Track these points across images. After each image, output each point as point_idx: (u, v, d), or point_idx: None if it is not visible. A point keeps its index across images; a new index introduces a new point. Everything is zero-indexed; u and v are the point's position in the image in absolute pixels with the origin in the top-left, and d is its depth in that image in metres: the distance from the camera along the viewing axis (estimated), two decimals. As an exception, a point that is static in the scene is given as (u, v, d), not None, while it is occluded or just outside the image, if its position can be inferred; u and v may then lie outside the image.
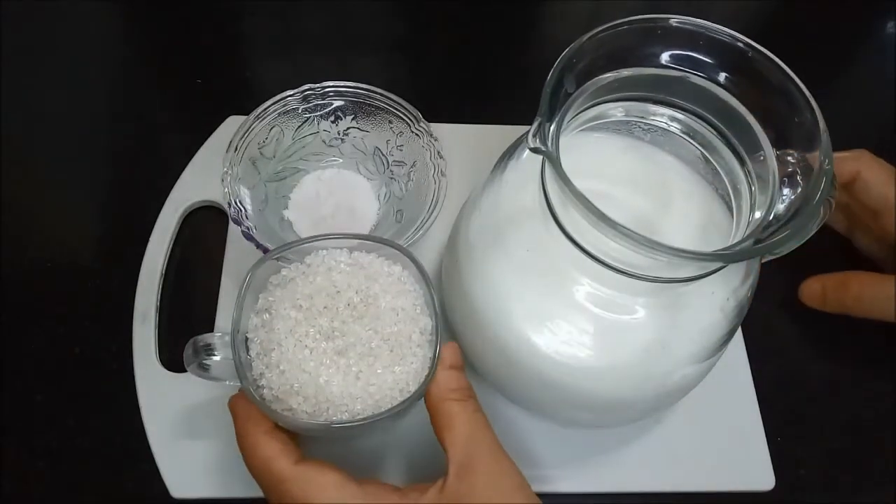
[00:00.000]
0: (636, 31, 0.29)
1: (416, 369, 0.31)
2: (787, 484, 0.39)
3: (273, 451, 0.29)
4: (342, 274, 0.32)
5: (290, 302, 0.31)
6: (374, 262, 0.33)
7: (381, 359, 0.31)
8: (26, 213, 0.46)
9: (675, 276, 0.28)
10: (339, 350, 0.30)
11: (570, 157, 0.27)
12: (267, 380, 0.30)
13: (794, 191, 0.28)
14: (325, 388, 0.30)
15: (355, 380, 0.30)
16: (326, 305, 0.31)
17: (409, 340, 0.31)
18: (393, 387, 0.30)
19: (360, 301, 0.32)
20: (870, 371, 0.45)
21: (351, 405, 0.30)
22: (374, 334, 0.31)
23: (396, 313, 0.32)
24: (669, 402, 0.37)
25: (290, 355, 0.30)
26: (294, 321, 0.31)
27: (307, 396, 0.30)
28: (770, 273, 0.33)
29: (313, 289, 0.32)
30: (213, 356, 0.31)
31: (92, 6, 0.56)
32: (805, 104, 0.28)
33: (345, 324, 0.31)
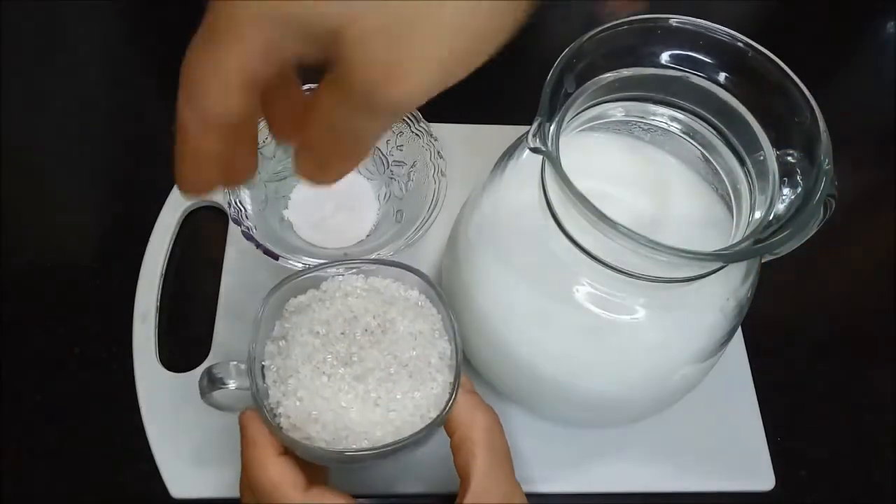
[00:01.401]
0: (636, 31, 0.29)
1: (437, 394, 0.30)
2: (787, 484, 0.39)
3: (283, 477, 0.28)
4: (359, 299, 0.32)
5: (307, 328, 0.31)
6: (390, 286, 0.33)
7: (401, 384, 0.30)
8: (26, 213, 0.46)
9: (675, 276, 0.28)
10: (358, 376, 0.30)
11: (570, 157, 0.27)
12: (284, 408, 0.30)
13: (794, 191, 0.28)
14: (343, 414, 0.29)
15: (374, 406, 0.29)
16: (344, 331, 0.31)
17: (428, 365, 0.31)
18: (414, 413, 0.30)
19: (378, 326, 0.31)
20: (870, 371, 0.45)
21: (371, 432, 0.29)
22: (392, 359, 0.30)
23: (414, 337, 0.31)
24: (669, 402, 0.37)
25: (308, 382, 0.30)
26: (312, 347, 0.30)
27: (325, 424, 0.29)
28: (770, 273, 0.33)
29: (330, 314, 0.31)
30: (228, 385, 0.31)
31: (92, 6, 0.56)
32: (805, 104, 0.28)
33: (362, 349, 0.31)
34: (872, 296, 0.48)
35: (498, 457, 0.29)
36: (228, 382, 0.31)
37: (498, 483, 0.29)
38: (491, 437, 0.29)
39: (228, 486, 0.37)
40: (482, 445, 0.29)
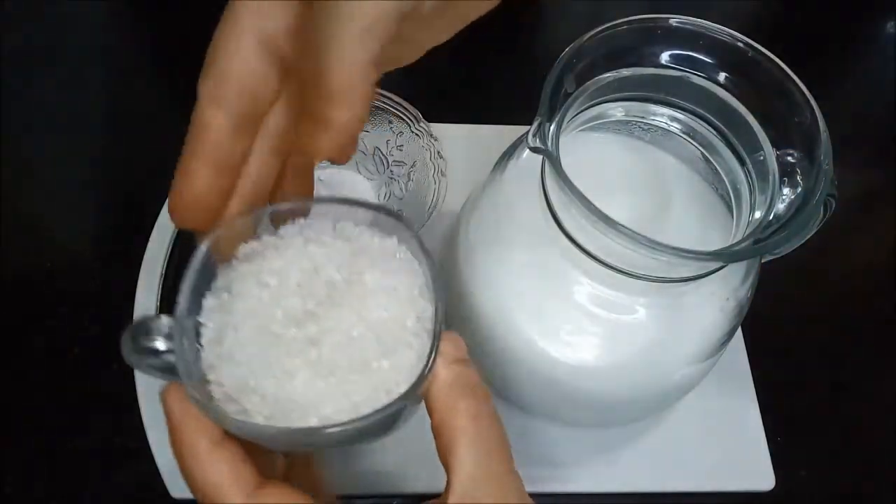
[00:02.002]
0: (636, 31, 0.29)
1: (410, 364, 0.24)
2: (787, 484, 0.39)
3: (221, 476, 0.22)
4: (322, 247, 0.26)
5: (255, 278, 0.25)
6: (363, 233, 0.27)
7: (365, 350, 0.24)
8: (26, 213, 0.46)
9: (675, 276, 0.28)
10: (312, 338, 0.24)
11: (570, 157, 0.27)
12: (217, 374, 0.24)
13: (794, 191, 0.28)
14: (287, 384, 0.23)
15: (328, 375, 0.23)
16: (300, 283, 0.25)
17: (402, 329, 0.25)
18: (378, 387, 0.24)
19: (343, 279, 0.25)
20: (870, 371, 0.45)
21: (320, 407, 0.23)
22: (357, 319, 0.24)
23: (387, 294, 0.25)
24: (669, 402, 0.37)
25: (248, 343, 0.24)
26: (257, 301, 0.24)
27: (265, 395, 0.23)
28: (770, 273, 0.33)
29: (284, 263, 0.25)
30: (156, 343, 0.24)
31: (92, 6, 0.56)
32: (805, 104, 0.28)
33: (321, 306, 0.24)
34: (872, 296, 0.48)
35: (486, 448, 0.24)
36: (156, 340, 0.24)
37: (488, 481, 0.24)
38: (477, 426, 0.24)
39: (228, 486, 0.37)
40: (467, 435, 0.24)
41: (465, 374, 0.24)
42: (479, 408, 0.24)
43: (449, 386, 0.24)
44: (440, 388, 0.24)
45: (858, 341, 0.45)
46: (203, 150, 0.23)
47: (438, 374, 0.24)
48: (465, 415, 0.24)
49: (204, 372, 0.24)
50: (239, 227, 0.25)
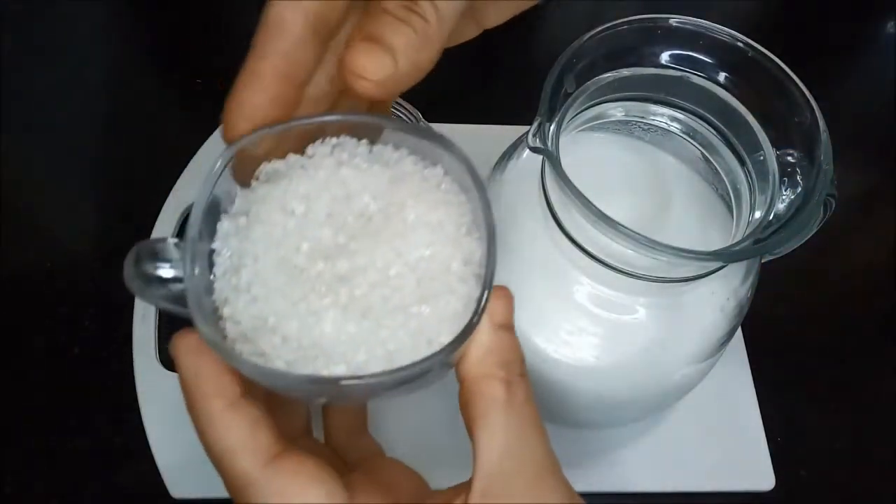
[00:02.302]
0: (636, 31, 0.29)
1: (454, 313, 0.21)
2: (787, 484, 0.39)
3: (236, 441, 0.20)
4: (357, 171, 0.22)
5: (278, 203, 0.22)
6: (403, 159, 0.23)
7: (403, 293, 0.21)
8: (26, 213, 0.46)
9: (675, 276, 0.28)
10: (342, 276, 0.21)
11: (570, 157, 0.27)
12: (232, 309, 0.21)
13: (794, 191, 0.28)
14: (314, 326, 0.20)
15: (360, 318, 0.20)
16: (331, 213, 0.22)
17: (446, 271, 0.21)
18: (416, 334, 0.20)
19: (379, 211, 0.22)
20: (870, 371, 0.45)
21: (351, 354, 0.20)
22: (395, 257, 0.21)
23: (431, 231, 0.22)
24: (669, 402, 0.37)
25: (269, 275, 0.21)
26: (281, 230, 0.21)
27: (287, 336, 0.20)
28: (770, 273, 0.33)
29: (312, 188, 0.22)
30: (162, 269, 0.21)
31: (92, 6, 0.56)
32: (805, 104, 0.28)
33: (354, 239, 0.21)
34: (872, 296, 0.48)
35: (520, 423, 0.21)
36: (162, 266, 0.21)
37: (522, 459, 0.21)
38: (513, 398, 0.21)
39: (228, 486, 0.37)
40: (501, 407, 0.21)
41: (507, 343, 0.22)
42: (518, 381, 0.22)
43: (488, 352, 0.21)
44: (478, 352, 0.21)
45: (858, 341, 0.45)
46: (275, 51, 0.20)
47: (479, 337, 0.21)
48: (501, 385, 0.21)
49: (217, 306, 0.21)
50: (266, 141, 0.22)
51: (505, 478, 0.21)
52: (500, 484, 0.21)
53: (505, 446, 0.21)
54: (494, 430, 0.21)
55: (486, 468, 0.21)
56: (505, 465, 0.21)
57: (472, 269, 0.22)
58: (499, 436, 0.21)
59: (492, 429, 0.21)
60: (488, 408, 0.21)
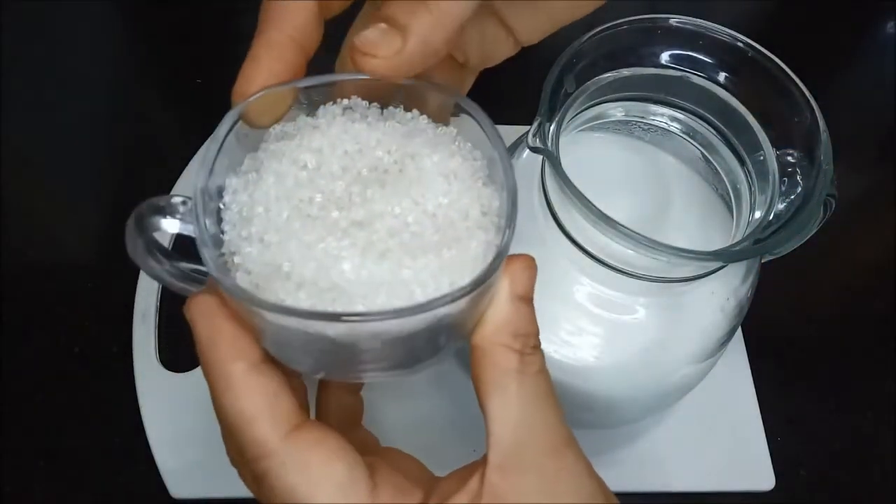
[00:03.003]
0: (636, 31, 0.29)
1: (475, 257, 0.20)
2: (787, 484, 0.39)
3: (255, 406, 0.19)
4: (369, 126, 0.22)
5: (290, 158, 0.21)
6: (415, 119, 0.23)
7: (423, 239, 0.20)
8: (26, 213, 0.46)
9: (675, 276, 0.28)
10: (359, 221, 0.20)
11: (570, 156, 0.27)
12: (244, 257, 0.20)
13: (794, 191, 0.28)
14: (332, 268, 0.19)
15: (380, 258, 0.19)
16: (343, 166, 0.21)
17: (465, 218, 0.21)
18: (437, 274, 0.19)
19: (394, 163, 0.21)
20: (870, 371, 0.45)
21: (372, 296, 0.19)
22: (413, 205, 0.20)
23: (446, 180, 0.21)
24: (669, 402, 0.37)
25: (280, 222, 0.20)
26: (293, 181, 0.21)
27: (303, 280, 0.19)
28: (770, 273, 0.33)
29: (325, 142, 0.21)
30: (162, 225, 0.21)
31: (92, 6, 0.56)
32: (805, 104, 0.28)
33: (369, 188, 0.21)
34: (872, 296, 0.48)
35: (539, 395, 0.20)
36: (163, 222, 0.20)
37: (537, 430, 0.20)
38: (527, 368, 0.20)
39: (228, 486, 0.37)
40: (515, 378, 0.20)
41: (525, 315, 0.21)
42: (535, 354, 0.21)
43: (505, 321, 0.20)
44: (494, 321, 0.20)
45: (858, 341, 0.45)
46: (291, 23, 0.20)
47: (496, 305, 0.20)
48: (514, 355, 0.20)
49: (226, 259, 0.20)
50: (274, 99, 0.21)
51: (521, 449, 0.20)
52: (518, 456, 0.20)
53: (519, 417, 0.20)
54: (507, 401, 0.20)
55: (501, 441, 0.20)
56: (520, 436, 0.20)
57: (490, 218, 0.21)
58: (512, 406, 0.20)
59: (504, 399, 0.20)
60: (501, 377, 0.20)
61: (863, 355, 0.45)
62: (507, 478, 0.20)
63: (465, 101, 0.22)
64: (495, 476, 0.20)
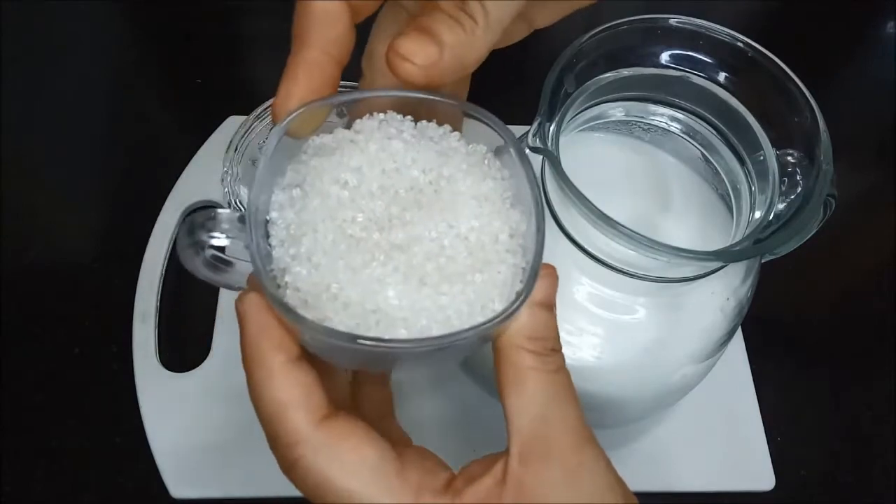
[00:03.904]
0: (636, 31, 0.29)
1: (504, 281, 0.22)
2: (787, 484, 0.39)
3: (291, 395, 0.21)
4: (405, 145, 0.23)
5: (332, 176, 0.22)
6: (447, 136, 0.24)
7: (457, 261, 0.22)
8: (26, 213, 0.46)
9: (676, 276, 0.28)
10: (398, 244, 0.22)
11: (570, 156, 0.27)
12: (293, 276, 0.21)
13: (794, 190, 0.28)
14: (377, 292, 0.21)
15: (419, 284, 0.21)
16: (382, 185, 0.22)
17: (494, 242, 0.22)
18: (473, 301, 0.21)
19: (429, 183, 0.23)
20: (870, 371, 0.45)
21: (413, 319, 0.21)
22: (447, 229, 0.22)
23: (478, 203, 0.23)
24: (669, 402, 0.37)
25: (329, 244, 0.21)
26: (336, 201, 0.22)
27: (349, 302, 0.21)
28: (770, 273, 0.33)
29: (364, 161, 0.23)
30: (215, 239, 0.22)
31: (92, 6, 0.56)
32: (805, 104, 0.28)
33: (406, 211, 0.22)
34: (872, 296, 0.48)
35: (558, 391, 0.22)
36: (216, 235, 0.22)
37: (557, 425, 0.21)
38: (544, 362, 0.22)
39: (228, 485, 0.37)
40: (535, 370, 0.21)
41: (543, 320, 0.22)
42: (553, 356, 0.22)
43: (523, 325, 0.22)
44: (513, 327, 0.22)
45: (858, 341, 0.45)
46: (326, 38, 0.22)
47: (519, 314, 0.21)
48: (532, 355, 0.21)
49: (275, 274, 0.22)
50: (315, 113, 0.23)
51: (541, 442, 0.21)
52: (538, 447, 0.21)
53: (538, 412, 0.21)
54: (525, 396, 0.21)
55: (521, 432, 0.21)
56: (539, 430, 0.21)
57: (517, 240, 0.23)
58: (530, 401, 0.21)
59: (523, 395, 0.21)
60: (519, 374, 0.21)
61: (862, 355, 0.45)
62: (530, 466, 0.21)
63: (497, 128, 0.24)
64: (516, 464, 0.21)
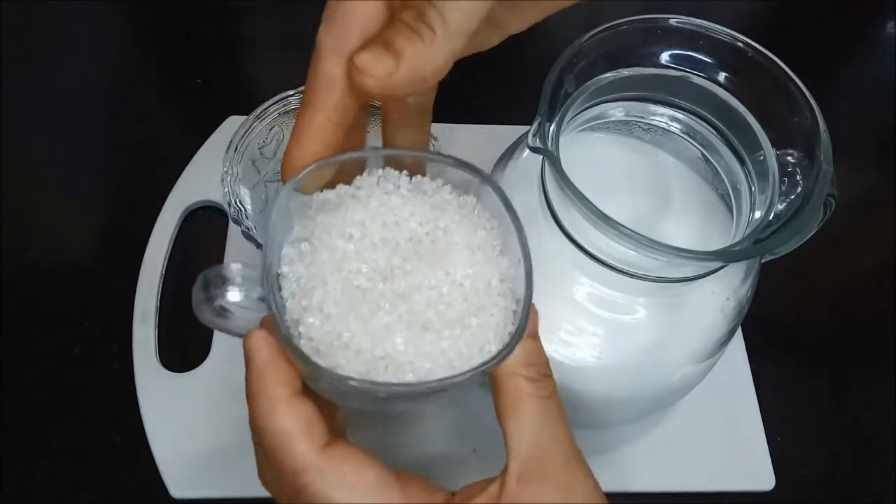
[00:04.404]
0: (636, 31, 0.29)
1: (497, 323, 0.24)
2: (787, 484, 0.39)
3: (296, 426, 0.22)
4: (403, 199, 0.25)
5: (338, 230, 0.24)
6: (440, 189, 0.26)
7: (455, 308, 0.24)
8: (26, 213, 0.46)
9: (675, 276, 0.28)
10: (401, 293, 0.24)
11: (570, 156, 0.27)
12: (307, 327, 0.23)
13: (794, 191, 0.28)
14: (385, 339, 0.23)
15: (422, 331, 0.23)
16: (383, 237, 0.24)
17: (487, 287, 0.25)
18: (471, 343, 0.23)
19: (426, 234, 0.25)
20: (870, 371, 0.45)
21: (418, 363, 0.23)
22: (444, 277, 0.24)
23: (472, 252, 0.25)
24: (669, 401, 0.37)
25: (339, 296, 0.23)
26: (342, 254, 0.24)
27: (360, 350, 0.23)
28: (770, 273, 0.33)
29: (367, 215, 0.25)
30: (231, 295, 0.24)
31: (92, 6, 0.56)
32: (805, 104, 0.28)
33: (407, 261, 0.24)
34: (872, 296, 0.48)
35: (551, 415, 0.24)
36: (231, 290, 0.24)
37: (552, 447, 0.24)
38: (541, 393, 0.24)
39: (228, 485, 0.37)
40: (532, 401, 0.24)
41: (533, 349, 0.24)
42: (543, 379, 0.24)
43: (517, 356, 0.24)
44: (513, 358, 0.24)
45: (858, 341, 0.45)
46: (328, 105, 0.23)
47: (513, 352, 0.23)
48: (528, 382, 0.24)
49: (289, 325, 0.23)
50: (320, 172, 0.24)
51: (538, 462, 0.23)
52: (535, 467, 0.23)
53: (535, 435, 0.23)
54: (523, 421, 0.23)
55: (520, 454, 0.23)
56: (535, 452, 0.23)
57: (507, 284, 0.25)
58: (528, 426, 0.23)
59: (521, 420, 0.23)
60: (517, 401, 0.23)
61: (863, 355, 0.45)
62: (527, 485, 0.23)
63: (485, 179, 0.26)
64: (514, 483, 0.23)
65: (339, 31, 0.22)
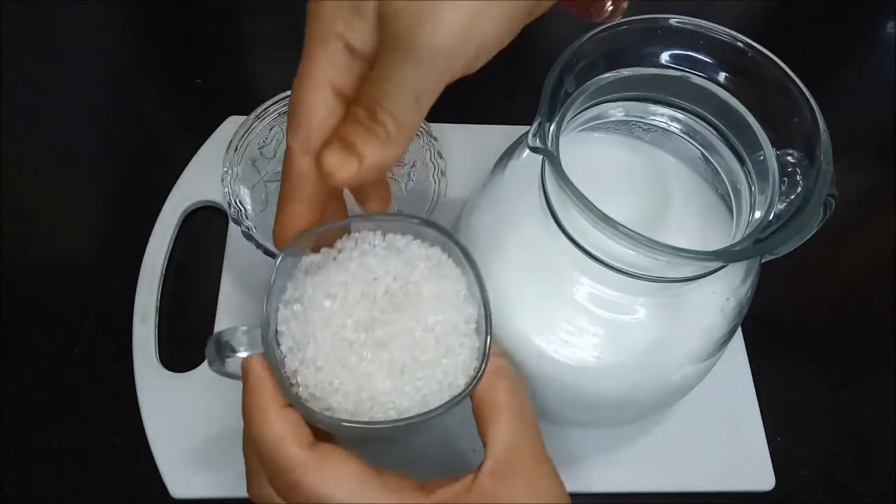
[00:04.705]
0: (636, 31, 0.29)
1: (464, 361, 0.28)
2: (787, 484, 0.39)
3: (285, 431, 0.26)
4: (378, 259, 0.29)
5: (324, 291, 0.29)
6: (410, 244, 0.30)
7: (427, 351, 0.28)
8: (26, 213, 0.46)
9: (676, 276, 0.28)
10: (381, 342, 0.28)
11: (570, 156, 0.27)
12: (303, 377, 0.27)
13: (794, 190, 0.28)
14: (368, 384, 0.27)
15: (400, 374, 0.27)
16: (363, 293, 0.29)
17: (454, 330, 0.29)
18: (441, 381, 0.28)
19: (399, 288, 0.29)
20: (869, 371, 0.45)
21: (398, 402, 0.27)
22: (416, 324, 0.28)
23: (439, 300, 0.29)
24: (669, 401, 0.37)
25: (328, 349, 0.27)
26: (329, 312, 0.28)
27: (348, 394, 0.27)
28: (770, 273, 0.33)
29: (348, 276, 0.29)
30: (239, 353, 0.28)
31: (92, 6, 0.56)
32: (805, 104, 0.28)
33: (384, 313, 0.28)
34: (872, 296, 0.48)
35: (521, 421, 0.27)
36: (239, 349, 0.28)
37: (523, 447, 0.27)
38: (513, 402, 0.28)
39: (228, 486, 0.37)
40: (505, 410, 0.27)
41: (502, 364, 0.28)
42: (515, 389, 0.28)
43: (488, 373, 0.28)
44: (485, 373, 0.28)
45: (858, 341, 0.45)
46: (304, 195, 0.27)
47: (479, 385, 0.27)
48: (504, 394, 0.27)
49: (288, 376, 0.28)
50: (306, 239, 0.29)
51: (510, 463, 0.26)
52: (507, 467, 0.26)
53: (510, 440, 0.27)
54: (500, 428, 0.27)
55: (495, 455, 0.26)
56: (510, 455, 0.27)
57: (471, 325, 0.29)
58: (504, 432, 0.27)
59: (498, 427, 0.27)
60: (494, 412, 0.27)
61: (863, 355, 0.45)
62: (499, 480, 0.26)
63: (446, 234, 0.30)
64: (487, 477, 0.26)
65: (303, 135, 0.26)
